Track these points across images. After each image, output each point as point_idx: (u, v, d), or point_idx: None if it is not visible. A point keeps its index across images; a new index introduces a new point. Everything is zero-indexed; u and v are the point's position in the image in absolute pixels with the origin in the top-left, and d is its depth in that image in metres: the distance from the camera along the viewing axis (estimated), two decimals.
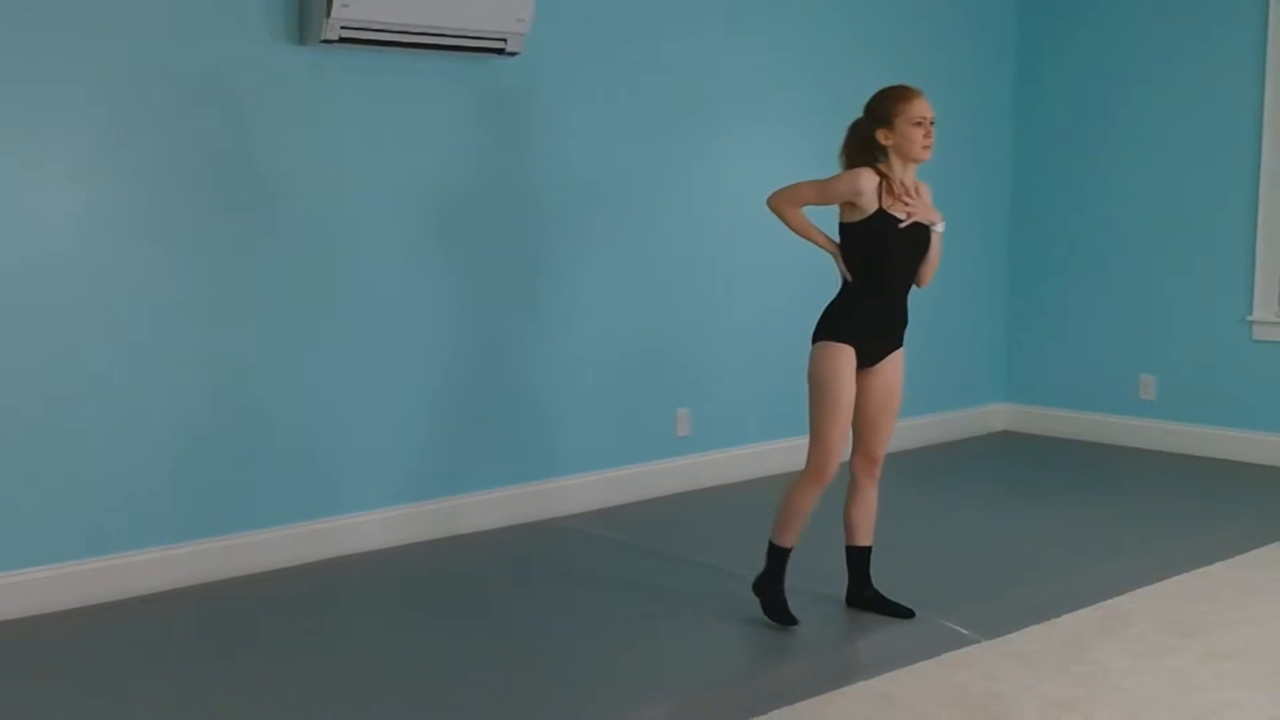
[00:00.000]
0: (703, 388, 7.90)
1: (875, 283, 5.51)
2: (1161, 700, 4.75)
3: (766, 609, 5.55)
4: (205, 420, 6.09)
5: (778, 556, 5.55)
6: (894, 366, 5.63)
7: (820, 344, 5.51)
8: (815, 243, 5.62)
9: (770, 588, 5.55)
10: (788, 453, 8.26)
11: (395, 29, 6.27)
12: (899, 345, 5.65)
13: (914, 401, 9.02)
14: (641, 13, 7.44)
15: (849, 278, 5.51)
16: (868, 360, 5.52)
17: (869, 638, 5.39)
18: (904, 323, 5.66)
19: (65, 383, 5.71)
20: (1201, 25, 8.56)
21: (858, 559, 5.73)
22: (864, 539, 5.71)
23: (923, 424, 9.13)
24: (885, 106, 5.50)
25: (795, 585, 5.66)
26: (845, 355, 5.43)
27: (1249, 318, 8.47)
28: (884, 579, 5.96)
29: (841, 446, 5.50)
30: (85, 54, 5.65)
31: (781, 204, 5.59)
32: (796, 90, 8.21)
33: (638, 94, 7.44)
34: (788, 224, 5.62)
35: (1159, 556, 6.47)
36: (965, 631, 5.43)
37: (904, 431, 8.91)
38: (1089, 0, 9.08)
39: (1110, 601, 5.85)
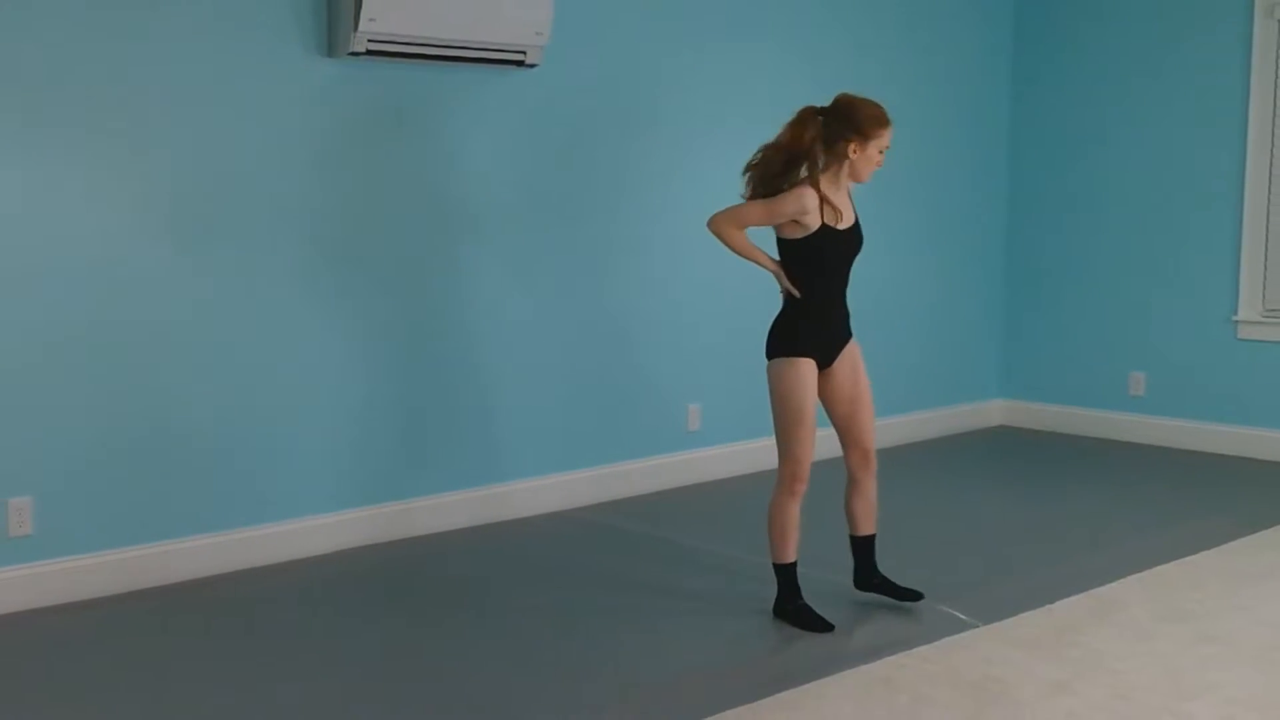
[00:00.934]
0: (715, 384, 7.93)
1: (822, 291, 5.43)
2: (1151, 682, 4.76)
3: (799, 624, 5.39)
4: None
5: (785, 574, 5.48)
6: (851, 358, 5.57)
7: (779, 360, 5.42)
8: (758, 263, 5.45)
9: (791, 604, 5.45)
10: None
11: (419, 42, 6.28)
12: (849, 337, 5.57)
13: (915, 397, 9.10)
14: (654, 24, 7.44)
15: (796, 294, 5.38)
16: (825, 361, 5.48)
17: (869, 623, 5.38)
18: (847, 315, 5.56)
19: (103, 377, 5.73)
20: (1189, 37, 8.56)
21: (863, 547, 5.69)
22: (867, 528, 5.68)
23: (923, 419, 9.16)
24: (864, 123, 5.33)
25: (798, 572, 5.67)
26: (806, 368, 5.38)
27: (1234, 317, 8.47)
28: (886, 566, 5.96)
29: (809, 456, 5.45)
30: (120, 65, 5.65)
31: (724, 226, 5.41)
32: (803, 95, 8.20)
33: (651, 101, 7.44)
34: (730, 245, 5.42)
35: (1149, 545, 6.47)
36: (964, 617, 5.44)
37: (905, 426, 8.98)
38: (1083, 12, 9.08)
39: (1102, 588, 5.86)
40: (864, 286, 8.54)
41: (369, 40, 6.11)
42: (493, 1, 6.41)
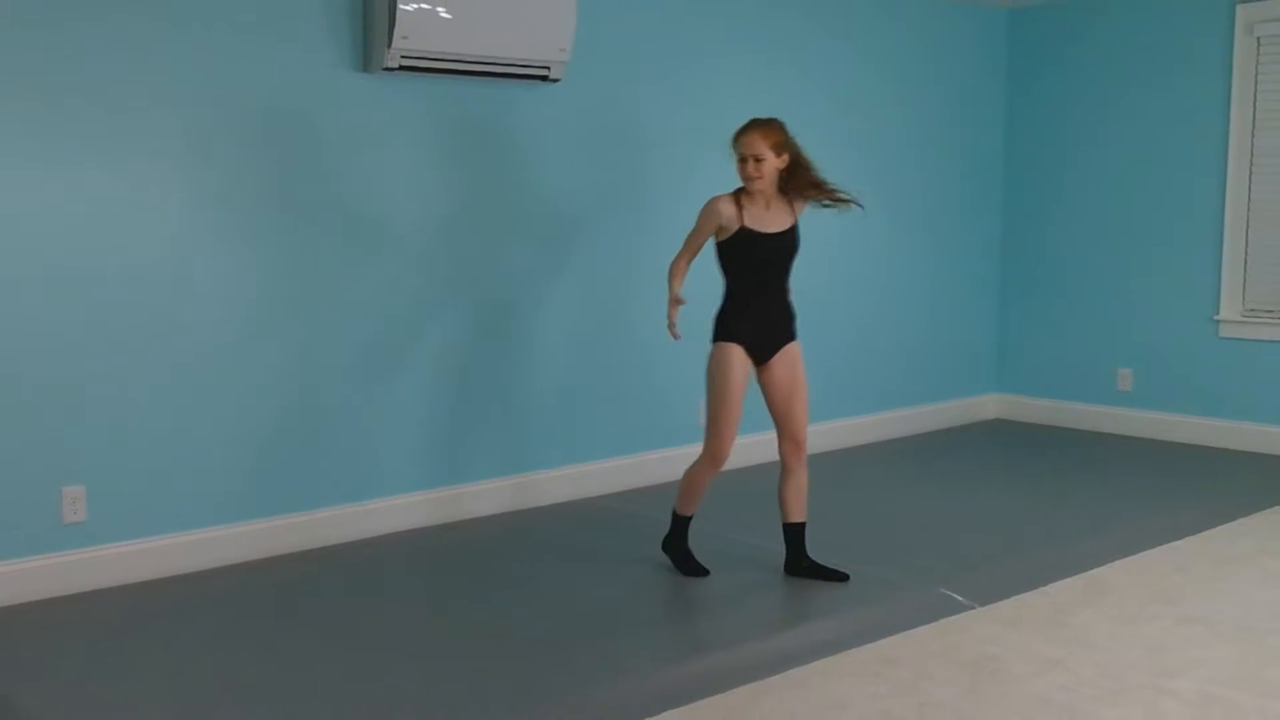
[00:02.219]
0: None
1: (751, 286, 5.63)
2: (1138, 659, 4.77)
3: (676, 564, 5.85)
4: (277, 409, 6.13)
5: (680, 523, 5.87)
6: (790, 358, 5.73)
7: (715, 345, 5.66)
8: (671, 291, 5.67)
9: (676, 546, 5.87)
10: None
11: (450, 58, 6.30)
12: (790, 339, 5.74)
13: (916, 392, 9.12)
14: (672, 41, 7.45)
15: (674, 337, 5.69)
16: (763, 356, 5.67)
17: (873, 606, 5.36)
18: (788, 317, 5.75)
19: (158, 372, 5.77)
20: (1175, 52, 8.55)
21: (794, 534, 5.81)
22: (798, 515, 5.80)
23: (923, 412, 9.16)
24: (731, 143, 5.66)
25: (818, 558, 5.70)
26: (735, 353, 5.59)
27: (1216, 317, 8.47)
28: (888, 553, 6.01)
29: (733, 434, 5.68)
30: (175, 82, 5.69)
31: (679, 264, 5.71)
32: (814, 107, 8.24)
33: (668, 113, 7.45)
34: (677, 278, 5.69)
35: (1136, 532, 6.47)
36: (961, 599, 5.45)
37: (907, 419, 9.01)
38: (1073, 29, 9.07)
39: (1092, 572, 5.87)
40: (868, 288, 8.66)
41: (402, 56, 6.14)
42: (518, 20, 6.42)
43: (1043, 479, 7.69)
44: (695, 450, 5.76)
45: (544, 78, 6.68)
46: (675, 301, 5.63)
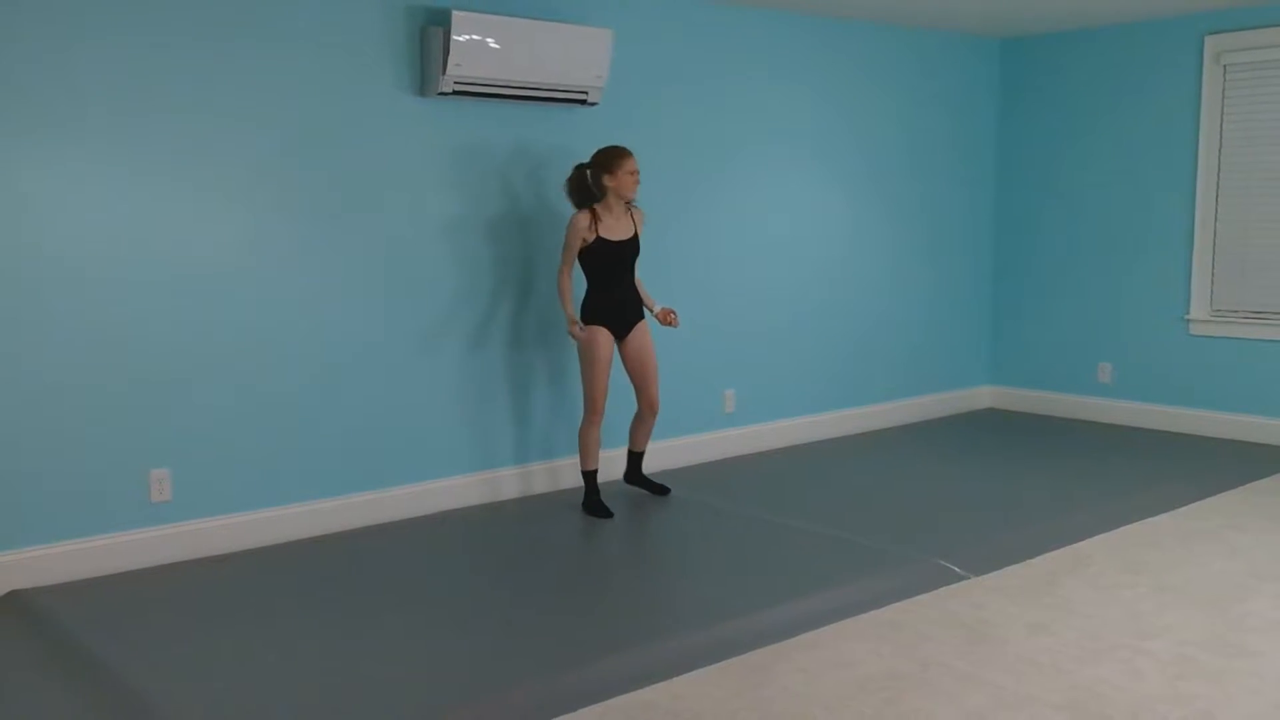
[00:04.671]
0: (747, 373, 7.95)
1: (605, 280, 6.31)
2: (1116, 623, 4.78)
3: (587, 508, 6.42)
4: (336, 399, 6.16)
5: (589, 477, 6.46)
6: (642, 334, 6.43)
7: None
8: (566, 310, 6.28)
9: (591, 499, 6.43)
10: (816, 426, 8.38)
11: (498, 84, 6.33)
12: (640, 318, 6.42)
13: (915, 383, 9.11)
14: (696, 67, 7.44)
15: (577, 338, 6.25)
16: (621, 332, 6.36)
17: (879, 576, 5.34)
18: (637, 302, 6.42)
19: (234, 367, 5.82)
20: (1149, 78, 8.51)
21: (635, 459, 6.78)
22: (640, 446, 6.74)
23: (921, 402, 9.15)
24: (608, 162, 6.19)
25: (817, 530, 5.70)
26: (600, 332, 6.27)
27: (1186, 316, 8.43)
28: (892, 528, 6.00)
29: (603, 394, 6.29)
30: (249, 102, 5.73)
31: (563, 278, 6.27)
32: (829, 125, 8.24)
33: (695, 132, 7.44)
34: (563, 294, 6.28)
35: (1115, 509, 6.45)
36: (958, 569, 5.45)
37: (906, 409, 9.01)
38: (1059, 57, 9.04)
39: (1075, 545, 5.87)
40: (871, 289, 8.67)
41: (455, 82, 6.18)
42: (558, 50, 6.44)
43: (1031, 462, 7.67)
44: (724, 434, 5.73)
45: (582, 101, 6.69)
46: (569, 319, 6.31)
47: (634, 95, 7.14)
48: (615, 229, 6.24)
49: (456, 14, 6.05)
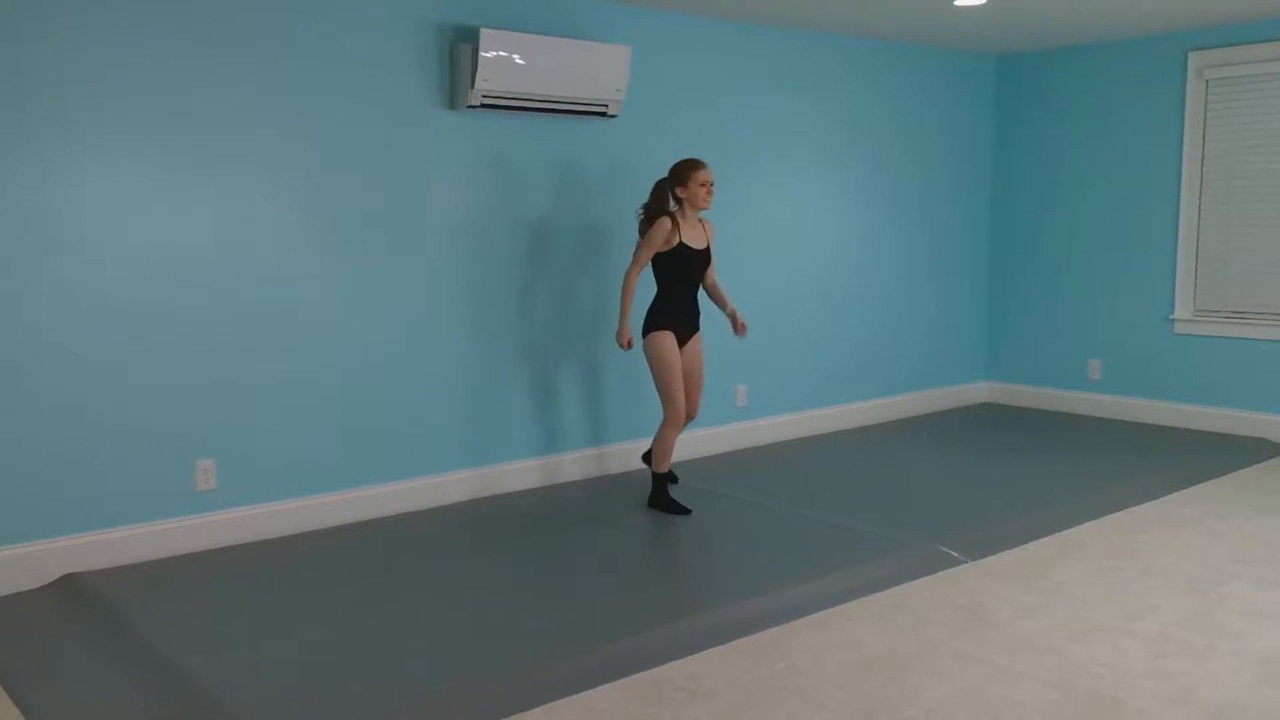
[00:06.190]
0: (758, 369, 7.94)
1: (679, 288, 6.10)
2: (1105, 605, 4.78)
3: (664, 509, 6.19)
4: (366, 396, 6.16)
5: (660, 480, 6.23)
6: (697, 344, 6.26)
7: (652, 334, 6.07)
8: (624, 311, 6.07)
9: (661, 499, 6.21)
10: (820, 420, 8.36)
11: (523, 97, 6.32)
12: (697, 329, 6.23)
13: (915, 379, 9.10)
14: (710, 83, 7.45)
15: (625, 346, 6.09)
16: (682, 340, 6.15)
17: (881, 561, 5.33)
18: (698, 312, 6.24)
19: (274, 364, 5.83)
20: (1137, 92, 8.50)
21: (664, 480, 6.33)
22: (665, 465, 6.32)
23: (922, 397, 9.15)
24: (681, 174, 6.01)
25: (823, 517, 5.69)
26: (668, 338, 6.06)
27: (1172, 316, 8.42)
28: (894, 515, 5.97)
29: (683, 398, 6.09)
30: (287, 112, 5.73)
31: (631, 277, 6.06)
32: (831, 136, 8.22)
33: (709, 143, 7.42)
34: (623, 295, 6.06)
35: (1104, 498, 6.45)
36: (956, 554, 5.46)
37: (906, 403, 9.00)
38: (1052, 72, 9.03)
39: (1066, 532, 5.88)
40: (875, 292, 8.65)
41: (482, 96, 6.18)
42: (580, 66, 6.44)
43: (1025, 454, 7.65)
44: (736, 428, 5.70)
45: (602, 114, 6.69)
46: (622, 318, 6.12)
47: (652, 108, 7.14)
48: (692, 238, 6.07)
49: (485, 32, 6.06)
